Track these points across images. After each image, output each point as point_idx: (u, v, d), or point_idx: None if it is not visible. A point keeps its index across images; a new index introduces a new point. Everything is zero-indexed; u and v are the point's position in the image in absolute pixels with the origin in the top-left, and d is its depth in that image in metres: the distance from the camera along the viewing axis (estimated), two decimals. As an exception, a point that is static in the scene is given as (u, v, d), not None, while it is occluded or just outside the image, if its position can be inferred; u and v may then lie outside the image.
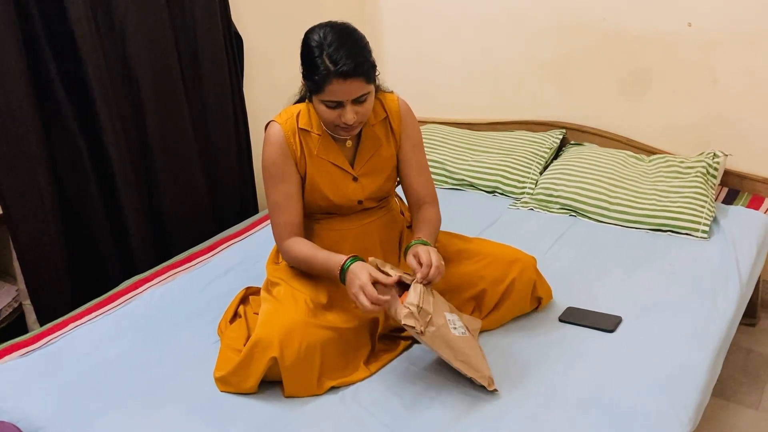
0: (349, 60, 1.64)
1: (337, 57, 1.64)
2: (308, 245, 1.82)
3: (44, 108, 2.22)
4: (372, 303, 1.62)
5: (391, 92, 1.95)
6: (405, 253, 1.80)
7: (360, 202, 1.89)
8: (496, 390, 1.64)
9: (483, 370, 1.66)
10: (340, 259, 1.72)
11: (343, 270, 1.70)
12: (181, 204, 2.67)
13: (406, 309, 1.64)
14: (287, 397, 1.67)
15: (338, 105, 1.70)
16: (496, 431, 1.54)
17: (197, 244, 2.55)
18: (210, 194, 2.79)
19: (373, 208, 1.93)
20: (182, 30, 2.58)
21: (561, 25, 2.96)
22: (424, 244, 1.77)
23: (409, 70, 3.34)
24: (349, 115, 1.71)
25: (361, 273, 1.65)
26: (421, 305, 1.65)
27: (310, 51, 1.70)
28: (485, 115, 3.28)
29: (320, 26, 1.73)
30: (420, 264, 1.69)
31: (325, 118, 1.75)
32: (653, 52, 2.79)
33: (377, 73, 1.77)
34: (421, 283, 1.68)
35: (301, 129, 1.83)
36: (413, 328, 1.62)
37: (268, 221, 2.66)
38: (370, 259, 1.74)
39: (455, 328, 1.70)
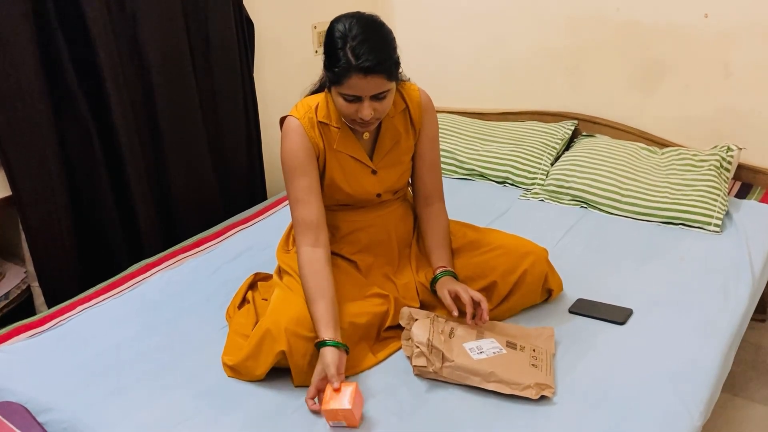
0: (371, 55, 1.59)
1: (360, 51, 1.59)
2: (316, 277, 1.69)
3: (55, 91, 2.21)
4: (309, 396, 1.58)
5: (409, 80, 1.91)
6: (433, 284, 1.83)
7: (378, 195, 1.88)
8: (545, 396, 1.58)
9: (522, 380, 1.59)
10: (323, 332, 1.61)
11: (319, 345, 1.62)
12: (190, 188, 2.66)
13: (417, 348, 1.63)
14: (297, 386, 1.66)
15: (356, 99, 1.67)
16: (503, 420, 1.54)
17: (205, 229, 2.55)
18: (219, 179, 2.79)
19: (390, 199, 1.92)
20: (193, 14, 2.56)
21: (574, 16, 2.93)
22: (449, 274, 1.81)
23: (420, 59, 3.31)
24: (366, 111, 1.67)
25: (330, 366, 1.56)
26: (431, 342, 1.64)
27: (333, 41, 1.65)
28: (496, 104, 3.26)
29: (347, 16, 1.68)
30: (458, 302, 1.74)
31: (342, 111, 1.72)
32: (667, 44, 2.77)
33: (400, 71, 1.73)
34: (473, 322, 1.73)
35: (320, 122, 1.80)
36: (425, 367, 1.62)
37: (277, 207, 2.67)
38: (403, 309, 1.75)
39: (481, 353, 1.66)
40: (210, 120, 2.71)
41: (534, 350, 1.71)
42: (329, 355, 1.58)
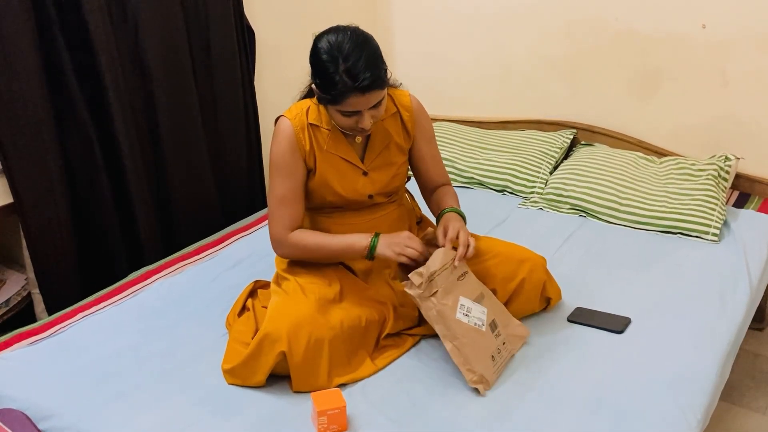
0: (367, 74, 1.63)
1: (355, 71, 1.63)
2: (316, 233, 1.86)
3: (57, 98, 2.22)
4: (419, 252, 1.72)
5: (401, 85, 1.95)
6: (438, 219, 1.89)
7: (370, 196, 1.89)
8: (478, 390, 1.64)
9: (475, 366, 1.64)
10: (362, 236, 1.80)
11: (374, 242, 1.77)
12: (190, 196, 2.67)
13: (422, 269, 1.66)
14: (295, 392, 1.67)
15: (355, 113, 1.72)
16: (502, 429, 1.54)
17: (205, 236, 2.56)
18: (219, 187, 2.80)
19: (383, 203, 1.94)
20: (194, 22, 2.58)
21: (573, 24, 2.95)
22: (455, 211, 1.88)
23: (419, 67, 3.33)
24: (367, 121, 1.73)
25: (400, 233, 1.78)
26: (435, 275, 1.67)
27: (322, 64, 1.67)
28: (495, 113, 3.27)
29: (330, 32, 1.70)
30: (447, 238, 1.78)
31: (341, 124, 1.77)
32: (665, 53, 2.78)
33: (389, 76, 1.77)
34: (453, 259, 1.74)
35: (311, 124, 1.83)
36: (417, 287, 1.64)
37: (277, 215, 2.67)
38: (428, 229, 1.84)
39: (466, 315, 1.70)
40: (210, 127, 2.72)
41: (504, 344, 1.75)
42: (386, 240, 1.76)
